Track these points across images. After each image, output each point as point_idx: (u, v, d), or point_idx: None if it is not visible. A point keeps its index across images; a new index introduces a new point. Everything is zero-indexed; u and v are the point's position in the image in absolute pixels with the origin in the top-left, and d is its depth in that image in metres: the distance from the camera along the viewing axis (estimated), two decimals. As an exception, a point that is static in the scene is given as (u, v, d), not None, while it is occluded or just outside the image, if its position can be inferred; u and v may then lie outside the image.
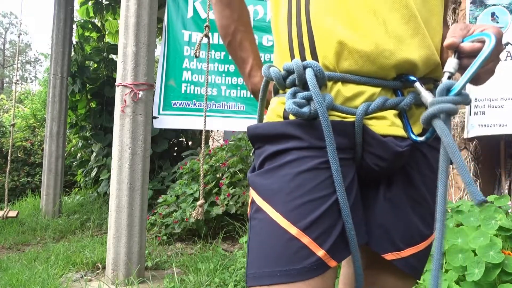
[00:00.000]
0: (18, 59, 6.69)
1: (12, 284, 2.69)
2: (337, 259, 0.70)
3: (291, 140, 0.73)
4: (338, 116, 0.73)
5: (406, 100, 0.74)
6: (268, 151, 0.75)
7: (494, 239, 1.55)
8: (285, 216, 0.69)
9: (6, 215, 4.44)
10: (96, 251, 3.40)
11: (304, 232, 0.68)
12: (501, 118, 2.35)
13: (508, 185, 2.54)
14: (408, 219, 0.78)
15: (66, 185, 7.10)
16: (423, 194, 0.79)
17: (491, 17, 2.42)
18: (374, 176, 0.78)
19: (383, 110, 0.74)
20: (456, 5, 2.66)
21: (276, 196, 0.71)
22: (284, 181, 0.71)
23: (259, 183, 0.74)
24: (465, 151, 2.49)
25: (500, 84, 2.34)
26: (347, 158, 0.74)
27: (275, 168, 0.73)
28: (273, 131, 0.75)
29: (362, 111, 0.72)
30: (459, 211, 1.89)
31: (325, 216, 0.69)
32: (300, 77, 0.73)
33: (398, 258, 0.78)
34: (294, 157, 0.71)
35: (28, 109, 9.78)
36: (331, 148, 0.69)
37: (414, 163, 0.79)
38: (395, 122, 0.74)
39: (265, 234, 0.71)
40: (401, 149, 0.72)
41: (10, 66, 28.09)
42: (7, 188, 4.73)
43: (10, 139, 5.12)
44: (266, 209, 0.71)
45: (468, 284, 1.48)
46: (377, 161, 0.74)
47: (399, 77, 0.76)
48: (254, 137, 0.79)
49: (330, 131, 0.69)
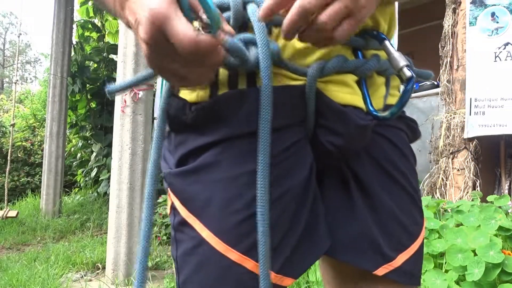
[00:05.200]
0: (18, 59, 6.69)
1: (12, 284, 2.69)
2: (293, 275, 0.57)
3: (222, 126, 0.54)
4: (286, 77, 0.56)
5: (370, 63, 0.58)
6: (192, 143, 0.57)
7: (494, 239, 1.55)
8: (220, 237, 0.53)
9: (6, 215, 4.44)
10: (96, 251, 3.40)
11: (247, 255, 0.53)
12: (501, 118, 2.35)
13: (508, 185, 2.54)
14: (393, 219, 0.63)
15: (66, 185, 7.10)
16: (401, 184, 0.64)
17: (491, 17, 2.42)
18: (330, 165, 0.62)
19: (341, 73, 0.57)
20: (456, 5, 2.66)
21: (207, 210, 0.54)
22: (215, 190, 0.54)
23: (182, 189, 0.56)
24: (465, 151, 2.49)
25: (500, 84, 2.35)
26: (297, 140, 0.57)
27: (200, 169, 0.55)
28: (201, 114, 0.56)
29: (316, 71, 0.54)
30: (459, 211, 1.89)
31: (273, 230, 0.53)
32: (237, 14, 0.54)
33: (391, 270, 0.62)
34: (227, 154, 0.54)
35: (28, 109, 9.78)
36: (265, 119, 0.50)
37: (379, 150, 0.63)
38: (356, 90, 0.58)
39: (197, 258, 0.55)
40: (365, 122, 0.56)
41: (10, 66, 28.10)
42: (7, 188, 4.74)
43: (10, 139, 5.13)
44: (195, 226, 0.54)
45: (468, 284, 1.48)
46: (331, 137, 0.57)
47: (362, 33, 0.60)
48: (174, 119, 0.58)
49: (270, 94, 0.50)
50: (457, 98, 2.59)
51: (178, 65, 0.45)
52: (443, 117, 2.65)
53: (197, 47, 0.41)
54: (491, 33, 2.41)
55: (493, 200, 2.05)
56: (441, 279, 1.51)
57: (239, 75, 0.55)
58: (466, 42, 2.49)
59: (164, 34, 0.42)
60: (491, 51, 2.37)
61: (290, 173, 0.56)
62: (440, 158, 2.61)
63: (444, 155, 2.58)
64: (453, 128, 2.55)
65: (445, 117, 2.62)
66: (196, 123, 0.56)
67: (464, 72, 2.50)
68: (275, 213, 0.54)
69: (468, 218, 1.79)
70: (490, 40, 2.40)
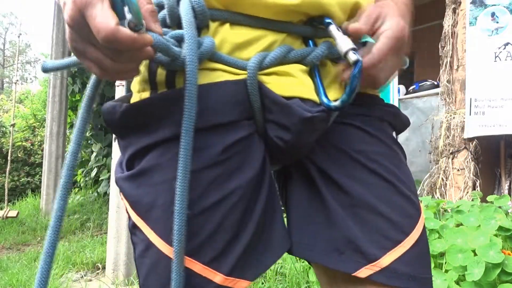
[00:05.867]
0: (18, 59, 6.69)
1: (12, 284, 2.69)
2: (248, 277, 0.54)
3: (160, 128, 0.53)
4: (227, 72, 0.54)
5: (316, 52, 0.55)
6: (134, 146, 0.55)
7: (494, 239, 1.55)
8: (165, 240, 0.51)
9: (6, 215, 4.44)
10: (96, 251, 3.40)
11: (193, 257, 0.51)
12: (501, 118, 2.35)
13: (508, 185, 2.54)
14: (373, 212, 0.56)
15: (66, 185, 7.09)
16: (378, 174, 0.58)
17: (491, 17, 2.42)
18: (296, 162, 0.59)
19: (286, 63, 0.55)
20: (456, 5, 2.67)
21: (152, 213, 0.53)
22: (157, 193, 0.52)
23: (130, 193, 0.55)
24: (465, 151, 2.49)
25: (500, 84, 2.35)
26: (243, 137, 0.54)
27: (144, 172, 0.54)
28: (134, 114, 0.54)
29: (256, 64, 0.53)
30: (459, 211, 1.89)
31: (219, 232, 0.52)
32: (172, 11, 0.53)
33: (377, 271, 0.55)
34: (167, 157, 0.53)
35: (28, 109, 9.78)
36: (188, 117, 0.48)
37: (348, 140, 0.60)
38: (304, 81, 0.55)
39: (149, 261, 0.54)
40: (310, 114, 0.52)
41: (10, 66, 28.10)
42: (7, 188, 4.74)
43: (10, 139, 5.13)
44: (143, 229, 0.54)
45: (468, 284, 1.48)
46: (279, 132, 0.55)
47: (310, 22, 0.57)
48: (111, 123, 0.57)
49: (194, 92, 0.48)
50: (457, 98, 2.59)
51: (100, 55, 0.45)
52: (443, 117, 2.65)
53: (114, 38, 0.41)
54: (491, 33, 2.41)
55: (493, 200, 2.05)
56: (441, 279, 1.51)
57: (176, 74, 0.54)
58: (466, 42, 2.49)
59: (84, 18, 0.42)
60: (491, 51, 2.37)
61: (238, 170, 0.53)
62: (440, 158, 2.61)
63: (444, 155, 2.58)
64: (453, 128, 2.55)
65: (445, 117, 2.62)
66: (128, 123, 0.55)
67: (464, 72, 2.51)
68: (220, 214, 0.52)
69: (468, 218, 1.79)
70: (490, 40, 2.40)
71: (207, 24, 0.54)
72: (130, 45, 0.42)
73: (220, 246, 0.52)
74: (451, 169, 2.52)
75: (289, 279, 2.20)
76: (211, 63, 0.54)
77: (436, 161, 2.67)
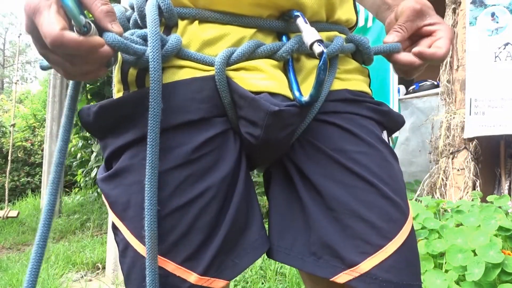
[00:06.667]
0: (18, 59, 6.69)
1: (12, 284, 2.69)
2: (224, 277, 0.54)
3: (132, 128, 0.53)
4: (195, 69, 0.54)
5: (287, 46, 0.54)
6: (110, 146, 0.56)
7: (494, 239, 1.55)
8: (140, 240, 0.52)
9: (7, 215, 4.44)
10: (96, 251, 3.40)
11: (166, 257, 0.52)
12: (501, 118, 2.35)
13: (508, 185, 2.54)
14: (353, 215, 0.54)
15: (66, 185, 7.11)
16: (359, 175, 0.56)
17: (491, 17, 2.42)
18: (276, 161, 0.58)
19: (255, 58, 0.54)
20: (456, 5, 2.67)
21: (127, 213, 0.53)
22: (131, 193, 0.53)
23: (108, 193, 0.56)
24: (465, 151, 2.49)
25: (500, 84, 2.35)
26: (216, 134, 0.53)
27: (119, 173, 0.54)
28: (105, 115, 0.55)
29: (223, 59, 0.52)
30: (459, 211, 1.89)
31: (192, 231, 0.52)
32: (140, 12, 0.53)
33: (356, 276, 0.52)
34: (140, 157, 0.52)
35: (28, 109, 9.78)
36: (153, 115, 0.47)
37: (328, 139, 0.58)
38: (275, 76, 0.54)
39: (128, 260, 0.54)
40: (277, 108, 0.51)
41: (10, 66, 28.09)
42: (7, 188, 4.74)
43: (10, 139, 5.12)
44: (121, 229, 0.54)
45: (468, 284, 1.48)
46: (249, 128, 0.54)
47: (282, 16, 0.56)
48: (86, 125, 0.57)
49: (158, 89, 0.47)
50: (457, 98, 2.59)
51: (59, 59, 0.45)
52: (443, 117, 2.65)
53: (60, 43, 0.41)
54: (491, 33, 2.41)
55: (493, 200, 2.05)
56: (441, 279, 1.51)
57: (146, 73, 0.53)
58: (466, 42, 2.49)
59: (35, 25, 0.43)
60: (491, 51, 2.37)
61: (211, 169, 0.53)
62: (440, 158, 2.61)
63: (444, 155, 2.58)
64: (453, 128, 2.55)
65: (445, 117, 2.62)
66: (102, 124, 0.56)
67: (464, 72, 2.50)
68: (194, 212, 0.52)
69: (468, 218, 1.79)
70: (490, 40, 2.40)
71: (176, 22, 0.54)
72: (77, 48, 0.42)
73: (193, 246, 0.52)
74: (451, 169, 2.52)
75: (289, 279, 2.20)
76: (179, 61, 0.53)
77: (436, 161, 2.67)
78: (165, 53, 0.50)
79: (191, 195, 0.52)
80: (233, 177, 0.55)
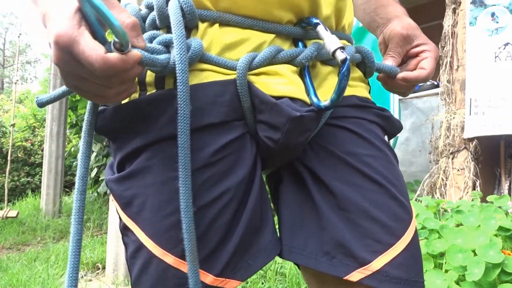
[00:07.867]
0: (18, 59, 6.69)
1: (12, 284, 2.69)
2: (239, 277, 0.54)
3: (151, 129, 0.53)
4: (216, 72, 0.54)
5: (306, 53, 0.56)
6: (126, 148, 0.55)
7: (494, 239, 1.55)
8: (156, 241, 0.52)
9: (6, 215, 4.44)
10: (96, 251, 3.40)
11: (183, 259, 0.51)
12: (501, 118, 2.35)
13: (508, 185, 2.54)
14: (364, 215, 0.56)
15: (66, 185, 7.10)
16: (369, 176, 0.58)
17: (491, 17, 2.42)
18: (287, 163, 0.59)
19: (276, 64, 0.55)
20: (456, 5, 2.67)
21: (142, 214, 0.53)
22: (148, 195, 0.53)
23: (120, 194, 0.56)
24: (465, 151, 2.49)
25: (500, 84, 2.35)
26: (236, 137, 0.54)
27: (135, 174, 0.54)
28: (123, 116, 0.54)
29: (245, 64, 0.53)
30: (459, 211, 1.89)
31: (209, 233, 0.52)
32: (161, 13, 0.53)
33: (369, 274, 0.54)
34: (158, 158, 0.53)
35: (28, 109, 9.78)
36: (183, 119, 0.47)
37: (339, 142, 0.59)
38: (294, 81, 0.55)
39: (140, 262, 0.54)
40: (299, 114, 0.52)
41: (10, 66, 28.09)
42: (7, 188, 4.73)
43: (10, 139, 5.12)
44: (134, 230, 0.54)
45: (468, 284, 1.48)
46: (269, 132, 0.55)
47: (300, 23, 0.58)
48: (101, 126, 0.57)
49: (186, 92, 0.47)
50: (457, 98, 2.59)
51: (95, 86, 0.45)
52: (443, 117, 2.65)
53: (107, 66, 0.41)
54: (491, 33, 2.41)
55: (493, 200, 2.05)
56: (441, 279, 1.51)
57: (166, 75, 0.54)
58: (466, 42, 2.49)
59: (72, 56, 0.42)
60: (491, 51, 2.37)
61: (229, 172, 0.54)
62: (440, 158, 2.61)
63: (444, 155, 2.58)
64: (453, 128, 2.55)
65: (445, 117, 2.62)
66: (117, 126, 0.55)
67: (464, 72, 2.50)
68: (211, 214, 0.52)
69: (468, 218, 1.79)
70: (490, 40, 2.40)
71: (196, 24, 0.54)
72: (122, 67, 0.42)
73: (210, 248, 0.52)
74: (451, 169, 2.52)
75: (289, 279, 2.20)
76: (200, 64, 0.54)
77: (436, 161, 2.67)
78: (190, 61, 0.51)
79: (209, 197, 0.52)
80: (249, 180, 0.55)
